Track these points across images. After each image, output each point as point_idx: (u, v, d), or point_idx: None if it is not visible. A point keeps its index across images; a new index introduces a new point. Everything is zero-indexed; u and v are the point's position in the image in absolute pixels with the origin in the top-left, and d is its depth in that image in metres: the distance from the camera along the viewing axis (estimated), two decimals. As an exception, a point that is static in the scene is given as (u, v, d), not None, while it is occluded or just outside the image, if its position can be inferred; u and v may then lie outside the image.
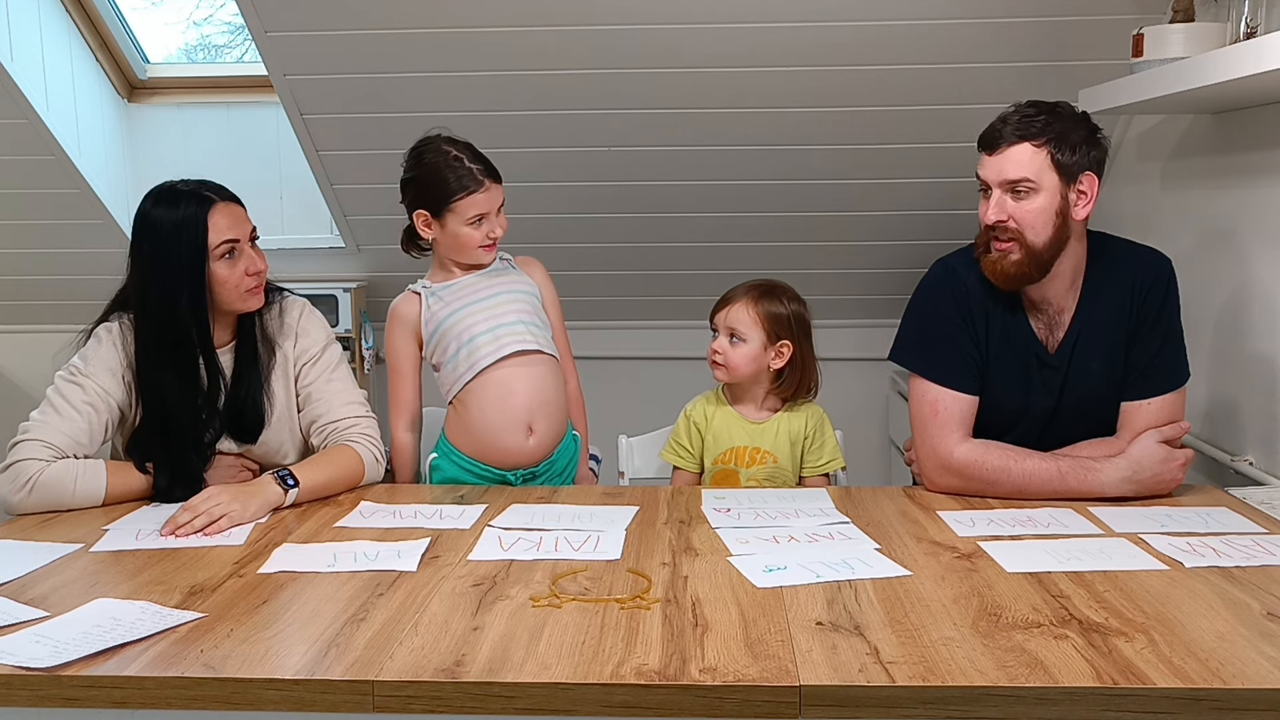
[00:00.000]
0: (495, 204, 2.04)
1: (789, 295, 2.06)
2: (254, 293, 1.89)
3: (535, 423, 2.05)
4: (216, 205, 1.83)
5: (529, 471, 2.08)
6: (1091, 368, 1.87)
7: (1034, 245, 1.79)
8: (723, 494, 1.88)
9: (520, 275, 2.15)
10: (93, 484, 1.81)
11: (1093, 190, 1.80)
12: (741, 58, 2.73)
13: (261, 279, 1.90)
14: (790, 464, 2.07)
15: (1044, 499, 1.79)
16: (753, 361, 2.02)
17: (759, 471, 2.05)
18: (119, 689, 1.16)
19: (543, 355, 2.08)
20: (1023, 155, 1.78)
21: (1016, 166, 1.78)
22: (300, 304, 2.03)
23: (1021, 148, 1.78)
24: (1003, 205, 1.80)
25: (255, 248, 1.90)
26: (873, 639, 1.23)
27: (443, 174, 2.01)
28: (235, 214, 1.86)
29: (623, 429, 2.31)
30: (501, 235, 2.06)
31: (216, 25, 3.67)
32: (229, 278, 1.85)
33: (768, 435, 2.06)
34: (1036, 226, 1.79)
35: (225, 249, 1.83)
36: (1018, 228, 1.79)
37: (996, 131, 1.82)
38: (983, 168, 1.83)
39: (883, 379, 3.61)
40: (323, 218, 3.45)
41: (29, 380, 3.84)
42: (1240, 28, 2.00)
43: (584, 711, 1.14)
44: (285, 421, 1.97)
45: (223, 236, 1.83)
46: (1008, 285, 1.85)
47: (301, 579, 1.45)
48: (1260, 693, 1.10)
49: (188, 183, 1.87)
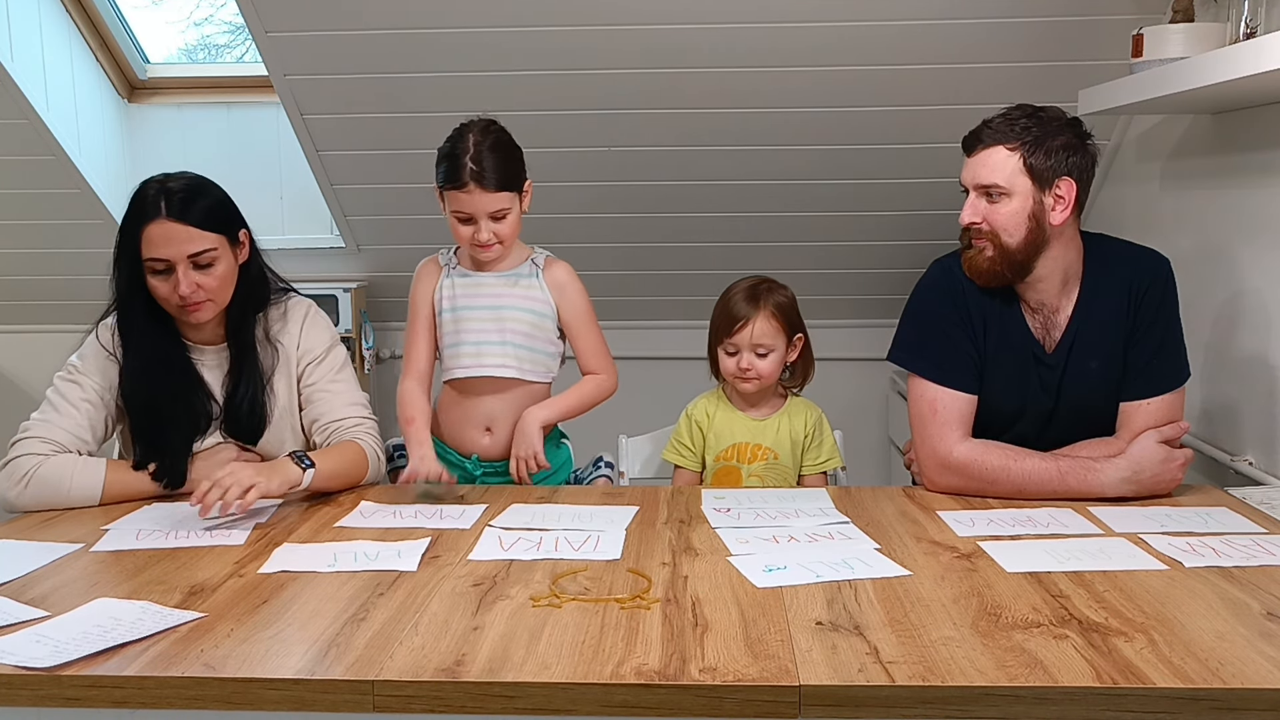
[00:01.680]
0: (483, 209, 1.94)
1: (779, 285, 2.09)
2: (188, 310, 1.82)
3: (495, 426, 2.08)
4: (154, 221, 1.76)
5: (490, 465, 2.09)
6: (1089, 368, 1.88)
7: (1008, 246, 1.82)
8: (723, 494, 1.89)
9: (541, 288, 2.07)
10: (90, 479, 1.80)
11: (1071, 195, 1.80)
12: (742, 58, 2.73)
13: (194, 302, 1.80)
14: (791, 462, 2.07)
15: (1043, 499, 1.79)
16: (779, 365, 2.06)
17: (760, 467, 2.05)
18: (119, 689, 1.16)
19: (520, 383, 2.07)
20: (996, 159, 1.81)
21: (989, 171, 1.81)
22: (306, 304, 2.03)
23: (995, 151, 1.81)
24: (976, 207, 1.84)
25: (201, 270, 1.80)
26: (872, 639, 1.23)
27: (444, 158, 1.98)
28: (171, 234, 1.76)
29: (623, 429, 2.31)
30: (494, 242, 1.98)
31: (216, 25, 3.68)
32: (158, 290, 1.81)
33: (769, 432, 2.07)
34: (1009, 229, 1.81)
35: (153, 265, 1.78)
36: (991, 229, 1.82)
37: (975, 134, 1.85)
38: (962, 170, 1.87)
39: (882, 379, 3.61)
40: (323, 218, 3.46)
41: (29, 380, 3.84)
42: (1240, 28, 2.00)
43: (584, 711, 1.14)
44: (287, 420, 1.97)
45: (150, 254, 1.77)
46: (984, 281, 1.88)
47: (301, 579, 1.45)
48: (1259, 692, 1.10)
49: (154, 183, 1.81)
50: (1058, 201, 1.80)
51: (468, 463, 2.11)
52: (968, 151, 1.86)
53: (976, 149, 1.84)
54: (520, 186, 2.00)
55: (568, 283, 2.09)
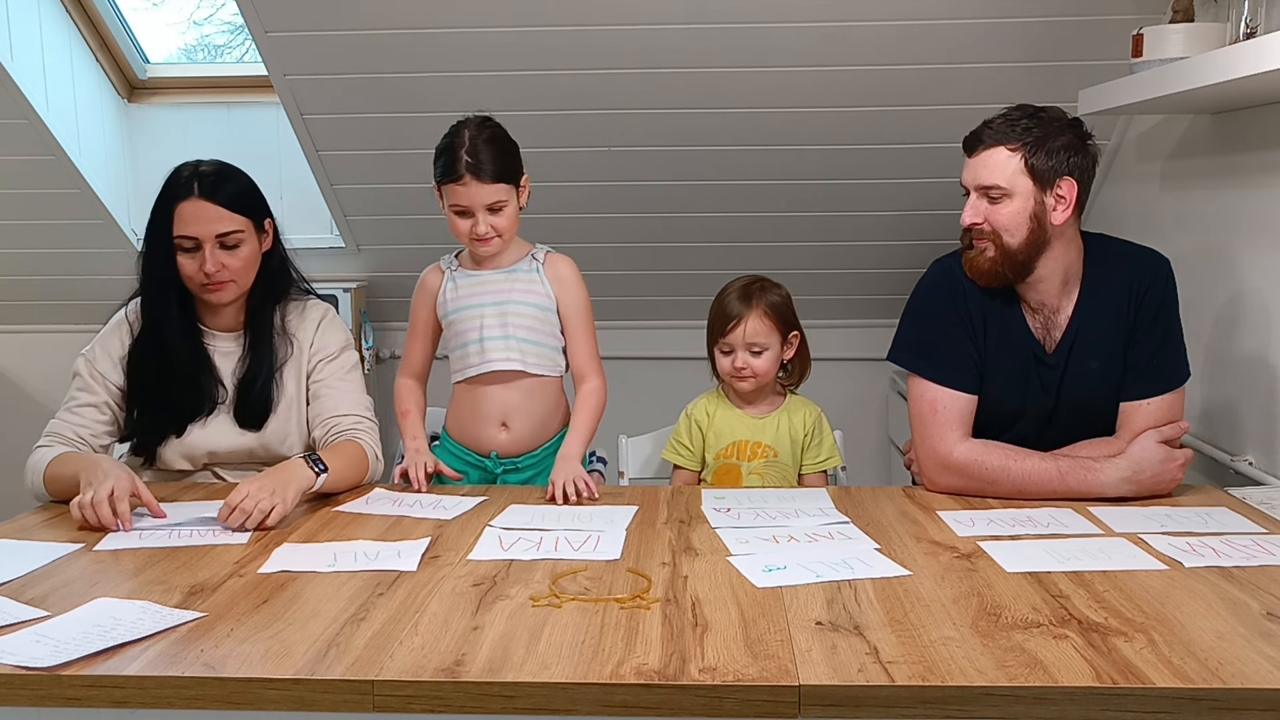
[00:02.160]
0: (480, 201, 1.96)
1: (773, 284, 2.09)
2: (210, 290, 1.89)
3: (510, 421, 2.09)
4: (186, 200, 1.85)
5: (510, 462, 2.10)
6: (1090, 368, 1.88)
7: (1009, 246, 1.82)
8: (723, 494, 1.89)
9: (541, 281, 2.08)
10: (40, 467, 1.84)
11: (1072, 195, 1.81)
12: (742, 58, 2.73)
13: (217, 281, 1.88)
14: (790, 460, 2.08)
15: (1044, 499, 1.79)
16: (775, 363, 2.07)
17: (760, 465, 2.06)
18: (119, 689, 1.16)
19: (526, 376, 2.07)
20: (997, 160, 1.81)
21: (990, 172, 1.81)
22: (325, 307, 2.08)
23: (996, 152, 1.81)
24: (978, 208, 1.84)
25: (226, 250, 1.88)
26: (872, 639, 1.23)
27: (440, 153, 2.00)
28: (201, 212, 1.85)
29: (623, 429, 2.31)
30: (493, 235, 2.00)
31: (216, 25, 3.68)
32: (185, 268, 1.88)
33: (769, 430, 2.08)
34: (1011, 229, 1.81)
35: (182, 242, 1.86)
36: (992, 230, 1.82)
37: (976, 135, 1.85)
38: (963, 171, 1.87)
39: (882, 379, 3.61)
40: (323, 218, 3.45)
41: (29, 380, 3.83)
42: (1240, 28, 2.00)
43: (584, 711, 1.14)
44: (293, 413, 1.98)
45: (180, 231, 1.85)
46: (985, 282, 1.88)
47: (301, 579, 1.46)
48: (1259, 692, 1.10)
49: (188, 166, 1.92)
50: (1059, 202, 1.80)
51: (487, 461, 2.11)
52: (969, 152, 1.86)
53: (977, 150, 1.84)
54: (517, 180, 2.02)
55: (569, 276, 2.10)
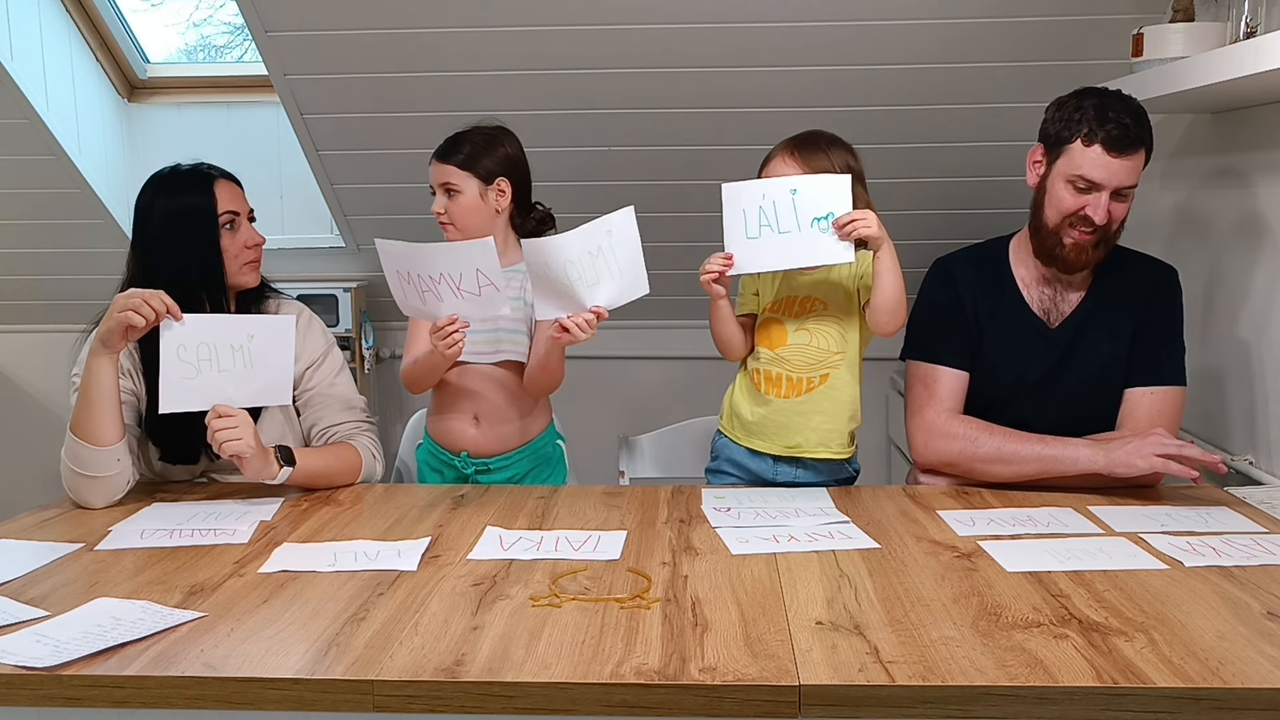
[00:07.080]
0: (436, 179, 2.04)
1: (832, 142, 2.01)
2: (251, 266, 1.97)
3: (481, 416, 2.10)
4: (219, 181, 1.96)
5: (481, 463, 2.10)
6: (1096, 347, 1.92)
7: (1113, 237, 1.87)
8: (723, 494, 1.89)
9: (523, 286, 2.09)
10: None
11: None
12: (742, 57, 2.73)
13: (258, 253, 1.98)
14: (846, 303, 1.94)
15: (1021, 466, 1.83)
16: None
17: (809, 320, 1.93)
18: (119, 689, 1.16)
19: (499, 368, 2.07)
20: (1139, 163, 1.82)
21: (1132, 174, 1.82)
22: (299, 307, 2.07)
23: (1142, 154, 1.82)
24: (1108, 206, 1.83)
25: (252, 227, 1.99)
26: (872, 638, 1.23)
27: None
28: (233, 190, 1.98)
29: (623, 429, 2.31)
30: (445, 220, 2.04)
31: (216, 25, 3.68)
32: (229, 248, 1.93)
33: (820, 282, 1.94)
34: (1122, 222, 1.86)
35: (225, 220, 1.93)
36: (1111, 222, 1.84)
37: (1124, 134, 1.78)
38: (1099, 167, 1.80)
39: (882, 379, 3.61)
40: (323, 218, 3.46)
41: (29, 380, 3.84)
42: (1240, 28, 2.00)
43: (584, 711, 1.14)
44: (278, 418, 1.98)
45: (225, 207, 1.93)
46: (1082, 267, 1.90)
47: (301, 578, 1.46)
48: (1260, 692, 1.10)
49: (186, 164, 1.99)
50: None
51: (456, 460, 2.12)
52: (1120, 152, 1.78)
53: (1131, 151, 1.79)
54: (482, 176, 2.04)
55: None
